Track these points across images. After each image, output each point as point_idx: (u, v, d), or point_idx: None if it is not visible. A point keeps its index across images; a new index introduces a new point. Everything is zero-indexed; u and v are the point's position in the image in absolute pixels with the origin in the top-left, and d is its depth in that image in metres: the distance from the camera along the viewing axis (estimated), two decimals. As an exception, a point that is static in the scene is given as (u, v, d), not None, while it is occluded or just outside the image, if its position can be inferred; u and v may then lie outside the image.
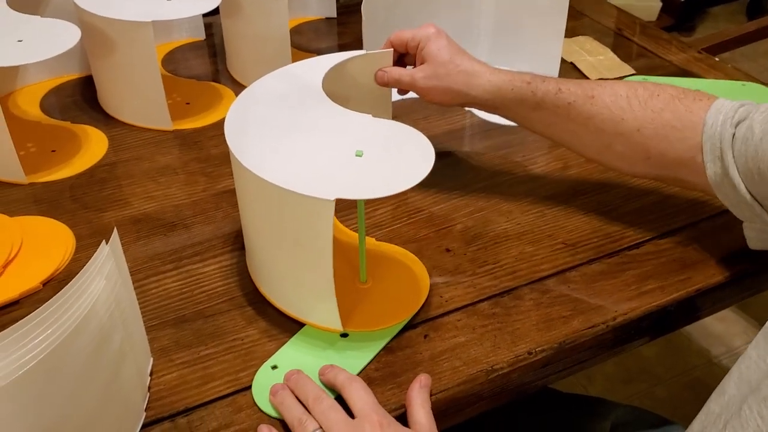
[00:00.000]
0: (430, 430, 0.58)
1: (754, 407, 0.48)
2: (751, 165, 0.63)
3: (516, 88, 0.74)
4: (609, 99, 0.71)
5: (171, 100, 1.03)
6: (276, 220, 0.64)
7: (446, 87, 0.76)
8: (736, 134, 0.65)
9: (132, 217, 0.83)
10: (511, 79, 0.74)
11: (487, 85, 0.75)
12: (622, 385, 1.60)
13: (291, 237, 0.64)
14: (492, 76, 0.75)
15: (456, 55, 0.76)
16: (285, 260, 0.67)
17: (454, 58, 0.76)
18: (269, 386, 0.62)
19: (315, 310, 0.67)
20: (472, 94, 0.75)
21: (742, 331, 1.72)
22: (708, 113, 0.67)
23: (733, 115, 0.66)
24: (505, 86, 0.74)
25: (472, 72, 0.75)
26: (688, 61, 1.16)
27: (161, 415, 0.61)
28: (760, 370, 0.51)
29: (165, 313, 0.70)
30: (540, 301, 0.71)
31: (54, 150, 0.95)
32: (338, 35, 1.27)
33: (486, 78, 0.75)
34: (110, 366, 0.54)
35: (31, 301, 0.71)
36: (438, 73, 0.76)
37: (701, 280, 0.73)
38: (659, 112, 0.69)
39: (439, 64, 0.76)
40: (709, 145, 0.66)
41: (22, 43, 0.85)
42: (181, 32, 1.24)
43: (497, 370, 0.65)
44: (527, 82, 0.73)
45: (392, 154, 0.64)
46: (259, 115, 0.69)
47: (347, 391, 0.59)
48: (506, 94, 0.74)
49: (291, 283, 0.68)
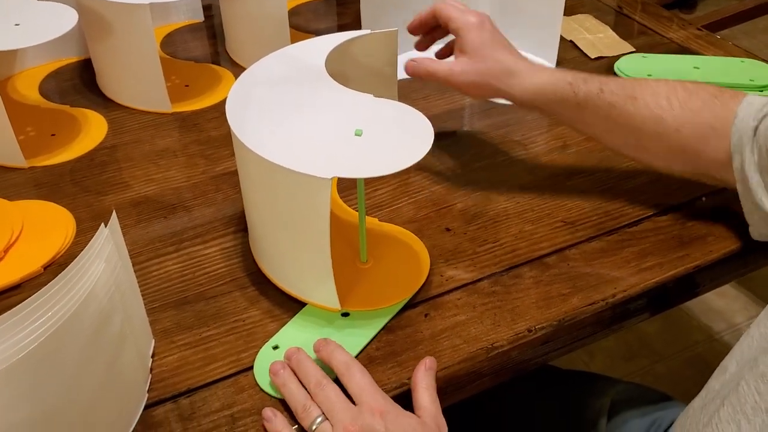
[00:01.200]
0: (434, 414, 0.57)
1: (751, 383, 0.48)
2: None
3: (558, 89, 0.72)
4: (650, 98, 0.70)
5: (170, 83, 1.03)
6: (275, 198, 0.64)
7: (486, 84, 0.74)
8: (759, 127, 0.64)
9: (132, 200, 0.83)
10: (553, 80, 0.72)
11: (528, 86, 0.73)
12: (623, 361, 1.61)
13: (289, 216, 0.64)
14: (534, 77, 0.73)
15: (498, 49, 0.73)
16: (284, 239, 0.67)
17: (495, 53, 0.73)
18: None
19: (315, 290, 0.68)
20: (512, 93, 0.74)
21: (743, 307, 1.72)
22: (740, 106, 0.67)
23: (761, 107, 0.65)
24: (547, 87, 0.72)
25: (515, 71, 0.73)
26: (688, 38, 1.16)
27: (164, 397, 0.61)
28: (759, 347, 0.51)
29: (166, 295, 0.71)
30: (540, 279, 0.72)
31: (53, 134, 0.95)
32: (337, 15, 1.26)
33: (528, 79, 0.73)
34: (111, 348, 0.55)
35: (32, 285, 0.72)
36: (478, 69, 0.73)
37: (700, 257, 0.74)
38: (698, 112, 0.68)
39: (480, 59, 0.73)
40: (736, 138, 0.66)
41: (20, 26, 0.85)
42: (180, 14, 1.23)
43: (497, 347, 0.65)
44: (569, 83, 0.72)
45: (391, 134, 0.64)
46: (260, 96, 0.69)
47: (345, 378, 0.58)
48: (548, 95, 0.72)
49: (291, 262, 0.69)
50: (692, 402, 0.58)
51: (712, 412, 0.51)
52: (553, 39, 1.06)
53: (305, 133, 0.64)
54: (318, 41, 0.78)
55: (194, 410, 0.60)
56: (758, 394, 0.47)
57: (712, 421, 0.50)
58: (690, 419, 0.55)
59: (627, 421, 0.78)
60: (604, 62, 1.09)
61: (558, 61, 1.07)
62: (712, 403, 0.52)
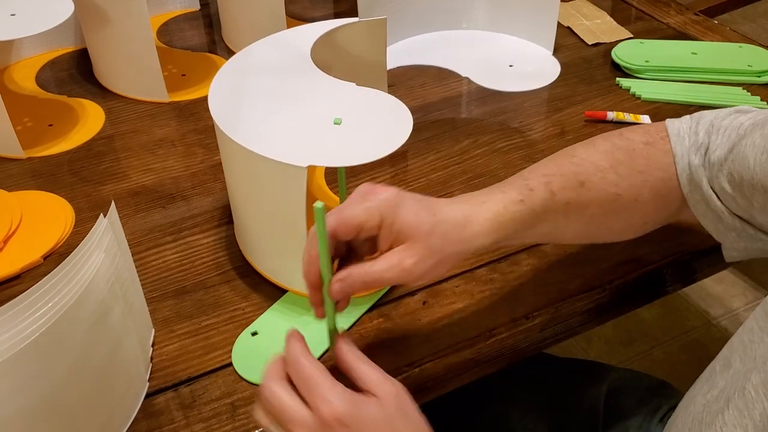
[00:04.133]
0: (388, 388, 0.51)
1: (760, 389, 0.47)
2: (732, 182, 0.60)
3: (515, 214, 0.59)
4: (598, 178, 0.62)
5: (167, 72, 1.03)
6: (253, 186, 0.65)
7: (447, 257, 0.56)
8: (711, 159, 0.61)
9: (130, 189, 0.84)
10: (503, 205, 0.58)
11: (486, 227, 0.58)
12: (621, 347, 1.62)
13: (268, 203, 0.65)
14: (484, 213, 0.58)
15: (434, 208, 0.56)
16: (263, 227, 0.68)
17: (437, 214, 0.56)
18: (248, 352, 0.64)
19: (295, 277, 0.68)
20: (474, 247, 0.58)
21: (741, 292, 1.73)
22: (672, 144, 0.63)
23: (695, 139, 0.63)
24: (503, 218, 0.58)
25: (463, 221, 0.57)
26: (685, 23, 1.16)
27: (164, 385, 0.62)
28: (765, 345, 0.50)
29: (166, 285, 0.71)
30: (537, 266, 0.72)
31: (51, 124, 0.95)
32: (333, 3, 1.26)
33: (480, 221, 0.57)
34: (111, 337, 0.55)
35: (32, 275, 0.72)
36: (432, 246, 0.55)
37: (696, 243, 0.74)
38: (646, 172, 0.63)
39: (427, 234, 0.54)
40: (685, 177, 0.63)
41: (15, 17, 0.85)
42: (175, 3, 1.23)
43: (495, 335, 0.65)
44: (520, 201, 0.59)
45: (370, 122, 0.64)
46: (244, 83, 0.70)
47: (297, 384, 0.51)
48: (507, 226, 0.59)
49: (271, 249, 0.69)
50: (692, 393, 0.57)
51: (716, 412, 0.51)
52: (551, 25, 1.06)
53: (285, 121, 0.65)
54: (305, 29, 0.78)
55: (195, 398, 0.61)
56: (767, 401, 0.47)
57: (716, 422, 0.50)
58: (692, 416, 0.54)
59: (624, 407, 0.78)
60: (602, 48, 1.09)
61: (555, 48, 1.07)
62: (716, 402, 0.52)
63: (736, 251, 0.64)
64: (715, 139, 0.62)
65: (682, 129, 0.64)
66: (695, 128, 0.63)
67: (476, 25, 1.13)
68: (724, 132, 0.61)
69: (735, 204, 0.60)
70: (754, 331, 0.52)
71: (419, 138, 0.89)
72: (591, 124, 0.92)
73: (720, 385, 0.53)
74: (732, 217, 0.61)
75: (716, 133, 0.62)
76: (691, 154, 0.62)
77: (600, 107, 0.96)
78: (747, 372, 0.50)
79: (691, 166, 0.62)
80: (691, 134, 0.63)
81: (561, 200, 0.61)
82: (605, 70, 1.04)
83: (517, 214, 0.59)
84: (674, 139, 0.63)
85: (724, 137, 0.61)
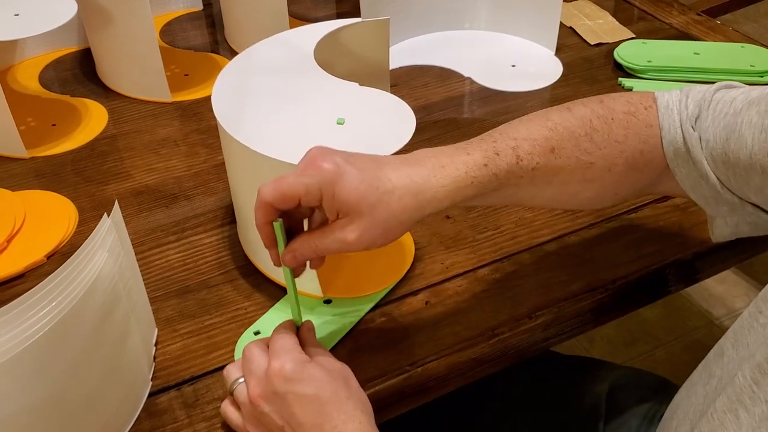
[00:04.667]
0: (342, 364, 0.57)
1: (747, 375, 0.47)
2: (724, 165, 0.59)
3: (476, 179, 0.57)
4: (571, 145, 0.60)
5: (170, 72, 1.03)
6: (256, 185, 0.64)
7: (393, 227, 0.56)
8: (702, 136, 0.60)
9: (134, 189, 0.84)
10: (465, 169, 0.57)
11: (441, 194, 0.56)
12: (624, 347, 1.62)
13: None
14: (443, 179, 0.56)
15: (380, 179, 0.54)
16: None
17: (381, 186, 0.54)
18: None
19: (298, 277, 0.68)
20: (428, 212, 0.57)
21: (743, 292, 1.73)
22: (660, 117, 0.62)
23: (687, 113, 0.61)
24: (462, 183, 0.56)
25: (416, 189, 0.55)
26: (687, 23, 1.16)
27: (167, 384, 0.62)
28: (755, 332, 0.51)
29: (169, 284, 0.71)
30: (540, 266, 0.72)
31: (54, 124, 0.95)
32: (336, 3, 1.26)
33: (435, 187, 0.56)
34: (115, 337, 0.55)
35: (36, 275, 0.72)
36: (375, 218, 0.54)
37: (699, 243, 0.74)
38: (623, 142, 0.61)
39: (371, 206, 0.54)
40: (672, 151, 0.61)
41: (19, 17, 0.85)
42: (178, 3, 1.23)
43: (498, 334, 0.66)
44: (484, 165, 0.57)
45: (373, 122, 0.64)
46: (247, 83, 0.70)
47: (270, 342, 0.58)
48: (465, 191, 0.57)
49: None
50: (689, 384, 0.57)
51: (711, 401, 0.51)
52: (553, 25, 1.06)
53: (288, 121, 0.65)
54: (308, 29, 0.78)
55: (198, 397, 0.61)
56: (755, 385, 0.47)
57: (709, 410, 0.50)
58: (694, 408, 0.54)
59: (626, 406, 0.78)
60: (604, 48, 1.09)
61: (558, 48, 1.07)
62: (714, 392, 0.52)
63: (727, 227, 0.63)
64: (707, 114, 0.60)
65: (672, 101, 0.62)
66: (685, 102, 0.61)
67: (479, 26, 1.13)
68: (716, 107, 0.59)
69: (729, 182, 0.59)
70: (744, 318, 0.52)
71: (422, 138, 0.89)
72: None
73: (717, 374, 0.53)
74: (729, 193, 0.60)
75: (707, 108, 0.60)
76: (685, 126, 0.60)
77: (602, 107, 0.96)
78: (741, 360, 0.50)
79: (684, 137, 0.60)
80: (682, 108, 0.61)
81: (527, 166, 0.59)
82: (607, 70, 1.04)
83: (478, 179, 0.57)
84: (662, 111, 0.62)
85: (717, 112, 0.59)
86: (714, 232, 0.65)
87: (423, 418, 0.77)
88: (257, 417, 0.55)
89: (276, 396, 0.53)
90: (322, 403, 0.53)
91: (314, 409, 0.53)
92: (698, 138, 0.60)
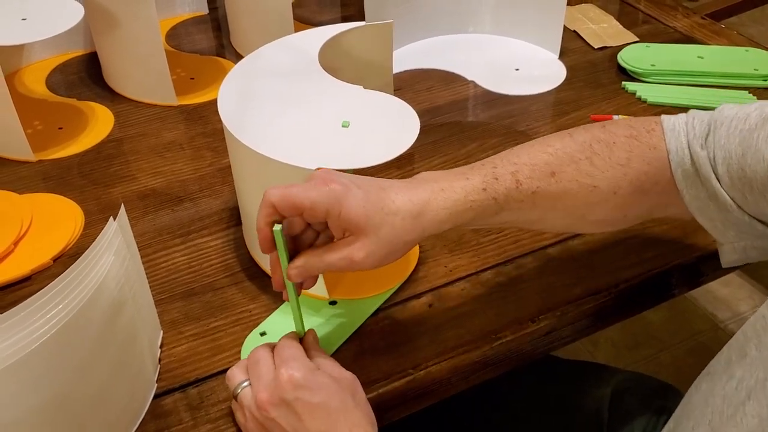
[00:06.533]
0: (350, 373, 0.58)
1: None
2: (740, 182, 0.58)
3: (474, 203, 0.58)
4: (571, 169, 0.61)
5: (175, 76, 1.04)
6: (262, 188, 0.65)
7: (398, 247, 0.57)
8: (716, 153, 0.59)
9: (139, 192, 0.84)
10: (464, 194, 0.58)
11: (442, 216, 0.58)
12: (628, 351, 1.62)
13: None
14: (443, 202, 0.58)
15: (383, 201, 0.56)
16: None
17: (385, 207, 0.56)
18: None
19: None
20: (428, 234, 0.58)
21: (748, 295, 1.73)
22: (666, 139, 0.62)
23: (694, 133, 0.61)
24: (461, 207, 0.58)
25: (417, 212, 0.57)
26: (692, 27, 1.16)
27: (172, 386, 0.62)
28: None
29: (174, 287, 0.72)
30: (543, 270, 0.72)
31: (61, 127, 0.95)
32: (341, 7, 1.27)
33: (435, 209, 0.57)
34: (121, 339, 0.56)
35: (43, 277, 0.72)
36: (381, 238, 0.56)
37: (702, 247, 0.74)
38: (627, 165, 0.61)
39: (376, 227, 0.55)
40: (680, 172, 0.61)
41: (27, 21, 0.86)
42: (184, 7, 1.23)
43: (501, 338, 0.66)
44: (483, 190, 0.59)
45: (378, 125, 0.65)
46: (253, 86, 0.70)
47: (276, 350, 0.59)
48: (465, 215, 0.59)
49: None
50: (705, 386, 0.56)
51: (737, 404, 0.50)
52: (557, 29, 1.06)
53: (294, 124, 0.65)
54: (313, 33, 0.78)
55: (202, 399, 0.61)
56: None
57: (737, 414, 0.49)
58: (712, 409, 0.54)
59: (629, 409, 0.79)
60: (608, 52, 1.09)
61: (562, 51, 1.07)
62: (736, 394, 0.51)
63: (735, 252, 0.63)
64: (721, 131, 0.59)
65: (678, 124, 0.62)
66: (692, 122, 0.62)
67: (483, 29, 1.14)
68: (729, 123, 0.59)
69: (745, 199, 0.58)
70: (765, 319, 0.52)
71: (426, 141, 0.90)
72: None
73: (738, 375, 0.52)
74: (740, 212, 0.59)
75: (720, 127, 0.60)
76: (693, 146, 0.60)
77: (606, 111, 0.96)
78: (765, 359, 0.49)
79: (692, 158, 0.60)
80: (689, 129, 0.61)
81: (527, 190, 0.60)
82: (611, 74, 1.04)
83: (477, 203, 0.59)
84: (669, 134, 0.62)
85: (732, 128, 0.59)
86: (723, 258, 0.65)
87: (426, 421, 0.77)
88: (262, 422, 0.55)
89: (284, 402, 0.54)
90: (329, 411, 0.54)
91: (322, 417, 0.54)
92: (707, 157, 0.60)
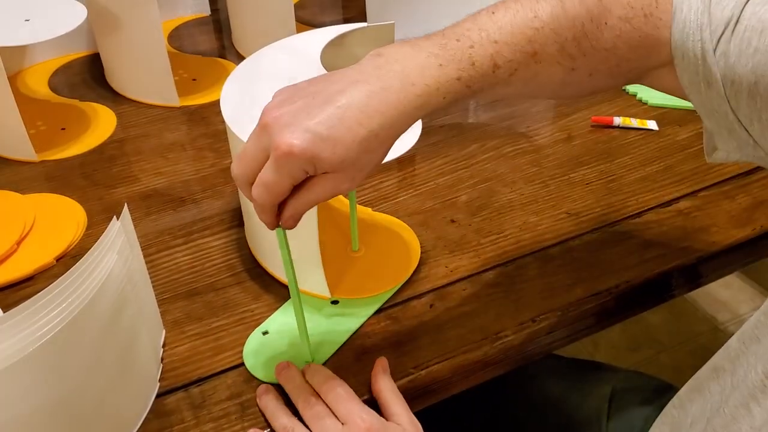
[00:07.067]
0: (410, 419, 0.58)
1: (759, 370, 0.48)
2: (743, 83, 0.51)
3: (448, 95, 0.54)
4: (555, 50, 0.55)
5: (177, 77, 1.04)
6: None
7: (380, 156, 0.55)
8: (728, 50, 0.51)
9: (142, 192, 0.85)
10: (436, 86, 0.53)
11: (411, 110, 0.53)
12: (628, 351, 1.62)
13: None
14: (414, 100, 0.53)
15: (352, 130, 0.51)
16: None
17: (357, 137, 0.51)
18: (259, 351, 0.64)
19: (305, 278, 0.69)
20: (404, 130, 0.54)
21: (749, 297, 1.73)
22: (673, 26, 0.54)
23: (709, 20, 0.52)
24: (433, 99, 0.53)
25: (391, 122, 0.52)
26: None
27: (175, 386, 0.62)
28: None
29: (176, 287, 0.72)
30: (544, 270, 0.72)
31: (63, 128, 0.96)
32: (343, 8, 1.27)
33: (408, 109, 0.53)
34: (124, 338, 0.56)
35: (45, 277, 0.73)
36: (362, 163, 0.53)
37: (702, 248, 0.74)
38: (611, 49, 0.55)
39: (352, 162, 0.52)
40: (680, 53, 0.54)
41: (29, 22, 0.86)
42: (186, 8, 1.24)
43: (502, 338, 0.66)
44: (457, 79, 0.53)
45: None
46: (254, 87, 0.71)
47: (327, 397, 0.58)
48: (436, 104, 0.53)
49: None
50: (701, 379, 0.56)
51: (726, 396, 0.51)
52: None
53: None
54: (315, 34, 0.78)
55: (205, 399, 0.61)
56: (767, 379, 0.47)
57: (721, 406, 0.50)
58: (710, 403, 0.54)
59: (628, 408, 0.79)
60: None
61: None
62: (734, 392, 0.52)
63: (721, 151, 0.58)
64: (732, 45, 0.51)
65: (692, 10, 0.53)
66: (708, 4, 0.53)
67: (484, 31, 1.14)
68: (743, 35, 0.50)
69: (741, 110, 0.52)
70: (758, 316, 0.52)
71: (427, 142, 0.90)
72: (597, 130, 0.93)
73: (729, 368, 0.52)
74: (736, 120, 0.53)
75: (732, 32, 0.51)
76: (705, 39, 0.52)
77: (606, 113, 0.96)
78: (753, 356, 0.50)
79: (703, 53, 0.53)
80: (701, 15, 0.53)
81: (504, 73, 0.55)
82: (612, 76, 1.05)
83: (450, 93, 0.54)
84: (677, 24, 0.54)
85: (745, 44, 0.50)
86: (708, 151, 0.60)
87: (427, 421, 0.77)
88: None
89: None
90: None
91: None
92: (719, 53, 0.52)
